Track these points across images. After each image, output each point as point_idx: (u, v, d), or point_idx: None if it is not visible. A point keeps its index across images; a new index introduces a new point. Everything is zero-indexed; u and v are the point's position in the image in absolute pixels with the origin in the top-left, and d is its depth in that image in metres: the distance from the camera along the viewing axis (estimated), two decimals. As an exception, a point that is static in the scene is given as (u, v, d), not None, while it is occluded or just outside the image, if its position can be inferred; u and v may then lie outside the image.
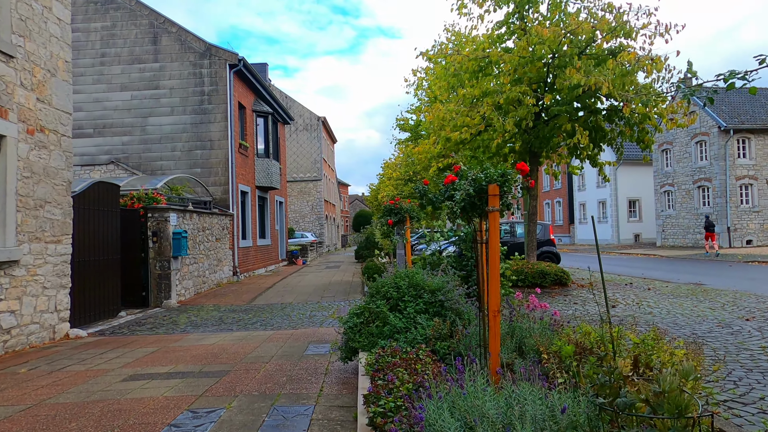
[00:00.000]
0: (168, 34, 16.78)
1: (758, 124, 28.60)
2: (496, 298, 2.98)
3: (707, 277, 14.13)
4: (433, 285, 4.86)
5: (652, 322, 7.29)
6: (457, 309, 4.78)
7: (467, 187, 2.89)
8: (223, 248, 15.70)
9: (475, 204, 2.93)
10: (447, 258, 6.41)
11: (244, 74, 17.79)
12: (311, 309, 10.46)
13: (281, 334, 7.73)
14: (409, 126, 25.58)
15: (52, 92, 7.81)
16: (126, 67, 16.77)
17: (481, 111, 10.05)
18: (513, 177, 2.81)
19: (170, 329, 8.60)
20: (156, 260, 11.75)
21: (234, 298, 12.63)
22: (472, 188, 2.82)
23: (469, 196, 2.83)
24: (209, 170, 16.59)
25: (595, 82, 9.26)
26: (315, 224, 40.30)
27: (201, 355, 6.23)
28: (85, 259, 9.04)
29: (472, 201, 2.91)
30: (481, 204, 2.88)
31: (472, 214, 3.01)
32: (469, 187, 2.87)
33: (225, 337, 7.62)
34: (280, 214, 24.31)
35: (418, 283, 4.90)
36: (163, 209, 11.82)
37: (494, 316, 2.98)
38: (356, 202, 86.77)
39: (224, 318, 9.61)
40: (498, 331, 3.00)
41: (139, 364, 5.88)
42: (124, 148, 16.70)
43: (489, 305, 3.00)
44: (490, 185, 2.80)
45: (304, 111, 40.44)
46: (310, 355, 6.07)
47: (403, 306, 4.79)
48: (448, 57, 11.51)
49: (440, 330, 4.36)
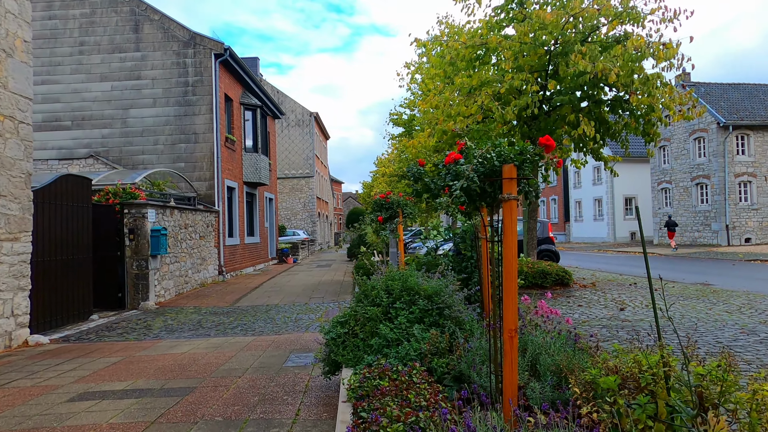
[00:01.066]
0: (150, 21, 16.00)
1: (758, 121, 28.13)
2: (513, 314, 2.31)
3: (712, 276, 13.57)
4: (430, 289, 4.19)
5: (668, 327, 6.66)
6: (456, 317, 4.11)
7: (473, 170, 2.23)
8: (207, 246, 14.96)
9: (484, 191, 2.27)
10: (444, 258, 5.75)
11: (230, 65, 17.04)
12: (298, 311, 9.78)
13: (262, 340, 7.05)
14: (403, 121, 24.91)
15: (8, 74, 7.07)
16: (106, 57, 15.96)
17: (479, 101, 9.39)
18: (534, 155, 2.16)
19: (142, 335, 7.89)
20: (133, 259, 11.02)
21: (217, 299, 11.92)
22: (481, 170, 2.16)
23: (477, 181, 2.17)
24: (194, 165, 15.83)
25: (602, 68, 8.62)
26: (307, 222, 39.55)
27: (168, 366, 5.54)
28: (49, 258, 8.31)
29: (481, 187, 2.25)
30: (493, 191, 2.23)
31: (479, 203, 2.35)
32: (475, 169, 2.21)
33: (200, 344, 6.93)
34: (269, 211, 23.57)
35: (413, 287, 4.24)
36: (140, 205, 11.08)
37: (510, 336, 2.31)
38: (350, 199, 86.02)
39: (203, 322, 8.91)
40: (515, 357, 2.34)
41: (95, 378, 5.18)
42: (103, 142, 15.91)
43: (503, 322, 2.33)
44: (505, 166, 2.15)
45: (296, 106, 39.65)
46: (290, 367, 5.39)
47: (395, 313, 4.12)
48: (443, 44, 10.83)
49: (437, 344, 3.69)
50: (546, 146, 2.21)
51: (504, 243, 2.22)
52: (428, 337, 3.78)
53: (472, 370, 3.31)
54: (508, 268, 2.25)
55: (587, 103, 10.37)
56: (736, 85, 31.19)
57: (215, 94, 15.85)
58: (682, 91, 10.15)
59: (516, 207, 2.20)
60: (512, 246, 2.21)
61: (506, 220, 2.19)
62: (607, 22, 10.12)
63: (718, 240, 28.17)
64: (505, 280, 2.26)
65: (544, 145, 2.22)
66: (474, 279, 5.46)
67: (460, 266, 5.72)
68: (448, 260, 5.79)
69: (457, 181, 2.30)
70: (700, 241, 29.55)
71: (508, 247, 2.21)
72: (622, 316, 7.74)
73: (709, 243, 28.77)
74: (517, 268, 2.29)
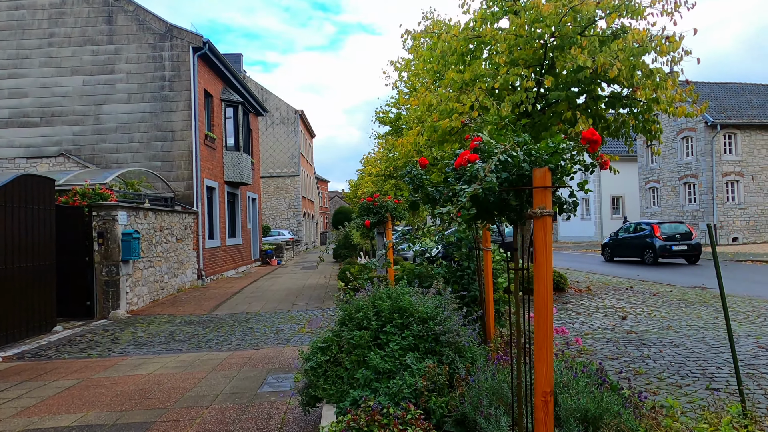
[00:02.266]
0: (124, 13, 15.19)
1: (745, 120, 28.09)
2: (548, 371, 1.72)
3: (707, 279, 13.21)
4: (425, 311, 3.62)
5: (678, 340, 6.19)
6: (456, 343, 3.55)
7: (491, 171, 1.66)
8: (185, 249, 14.24)
9: (505, 202, 1.71)
10: (438, 269, 5.18)
11: (210, 59, 16.30)
12: (279, 320, 9.16)
13: (237, 357, 6.43)
14: (389, 119, 24.31)
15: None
16: (77, 49, 15.12)
17: (472, 96, 8.84)
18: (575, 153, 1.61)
19: (106, 350, 7.21)
20: (102, 265, 10.30)
21: (194, 306, 11.24)
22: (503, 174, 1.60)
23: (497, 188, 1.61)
24: (171, 164, 15.07)
25: (603, 63, 8.11)
26: (292, 221, 38.78)
27: (127, 393, 4.90)
28: (5, 266, 7.60)
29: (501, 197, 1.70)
30: (520, 203, 1.68)
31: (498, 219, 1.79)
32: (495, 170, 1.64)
33: (168, 362, 6.29)
34: (252, 212, 22.84)
35: (406, 307, 3.66)
36: (110, 206, 10.35)
37: (545, 401, 1.74)
38: (336, 198, 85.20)
39: (176, 333, 8.26)
40: (550, 427, 1.75)
41: (41, 409, 4.52)
42: (75, 139, 15.07)
43: (535, 383, 1.75)
44: (536, 171, 1.59)
45: (280, 104, 38.83)
46: (266, 393, 4.79)
47: (385, 339, 3.54)
48: (434, 37, 10.26)
49: (435, 377, 3.12)
50: (591, 142, 1.66)
51: (536, 277, 1.65)
52: (424, 369, 3.22)
53: (479, 414, 2.75)
54: (541, 311, 1.68)
55: (584, 99, 9.88)
56: (722, 84, 31.13)
57: (194, 89, 15.11)
58: (683, 86, 9.69)
59: (551, 226, 1.64)
60: (546, 279, 1.65)
61: (538, 244, 1.62)
62: (605, 15, 9.63)
63: (706, 239, 28.05)
64: (538, 327, 1.69)
65: (588, 141, 1.66)
66: (472, 292, 4.90)
67: (455, 277, 5.17)
68: (443, 270, 5.22)
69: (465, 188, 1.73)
70: (688, 241, 29.42)
71: (542, 281, 1.64)
72: (626, 326, 7.25)
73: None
74: (552, 309, 1.73)
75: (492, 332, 3.95)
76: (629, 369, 4.89)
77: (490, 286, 4.05)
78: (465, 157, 1.68)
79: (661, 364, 5.07)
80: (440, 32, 10.28)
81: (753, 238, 28.27)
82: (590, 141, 1.66)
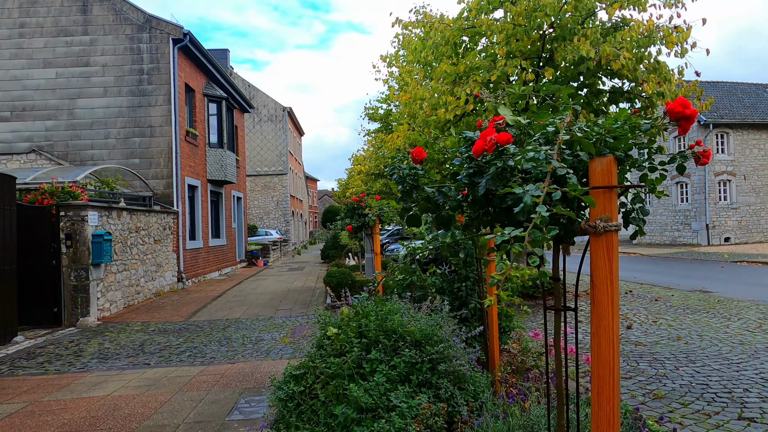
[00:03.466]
0: (100, 2, 14.43)
1: (737, 119, 27.87)
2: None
3: (707, 281, 12.79)
4: (419, 333, 3.04)
5: (693, 354, 5.67)
6: (456, 373, 2.97)
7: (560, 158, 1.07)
8: (164, 251, 13.54)
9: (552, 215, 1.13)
10: (432, 278, 4.60)
11: (191, 51, 15.59)
12: (260, 328, 8.55)
13: (209, 373, 5.81)
14: (379, 116, 23.73)
15: None
16: (50, 40, 14.35)
17: (467, 89, 8.28)
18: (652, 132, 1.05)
19: (67, 364, 6.55)
20: (71, 269, 9.60)
21: (171, 312, 10.57)
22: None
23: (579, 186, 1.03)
24: (149, 161, 14.37)
25: (606, 54, 7.60)
26: (280, 221, 38.03)
27: (76, 422, 4.27)
28: (-46, 272, 6.91)
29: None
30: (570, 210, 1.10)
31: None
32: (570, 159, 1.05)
33: (132, 379, 5.65)
34: (238, 211, 22.13)
35: (395, 328, 3.08)
36: (79, 206, 9.66)
37: None
38: (325, 197, 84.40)
39: (147, 344, 7.61)
40: None
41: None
42: (47, 135, 14.30)
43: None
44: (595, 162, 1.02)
45: (268, 101, 38.04)
46: (235, 422, 4.18)
47: (369, 368, 2.95)
48: (426, 26, 9.68)
49: (431, 422, 2.54)
50: (683, 118, 1.10)
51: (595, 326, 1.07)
52: (417, 408, 2.64)
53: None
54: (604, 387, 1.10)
55: (585, 93, 9.38)
56: (714, 83, 30.90)
57: (174, 83, 14.41)
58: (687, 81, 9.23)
59: (617, 244, 1.09)
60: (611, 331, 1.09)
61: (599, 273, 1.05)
62: (606, 5, 9.12)
63: (698, 239, 27.83)
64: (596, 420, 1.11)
65: (679, 116, 1.10)
66: (471, 305, 4.33)
67: (452, 288, 4.59)
68: (438, 280, 4.65)
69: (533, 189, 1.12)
70: (680, 241, 29.19)
71: (605, 333, 1.08)
72: (633, 337, 6.73)
73: (689, 242, 28.42)
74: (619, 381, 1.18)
75: (496, 356, 3.39)
76: (646, 391, 4.36)
77: (494, 305, 3.50)
78: (490, 138, 1.10)
79: (680, 385, 4.54)
80: (433, 21, 9.71)
81: (745, 238, 28.08)
82: (682, 117, 1.10)
